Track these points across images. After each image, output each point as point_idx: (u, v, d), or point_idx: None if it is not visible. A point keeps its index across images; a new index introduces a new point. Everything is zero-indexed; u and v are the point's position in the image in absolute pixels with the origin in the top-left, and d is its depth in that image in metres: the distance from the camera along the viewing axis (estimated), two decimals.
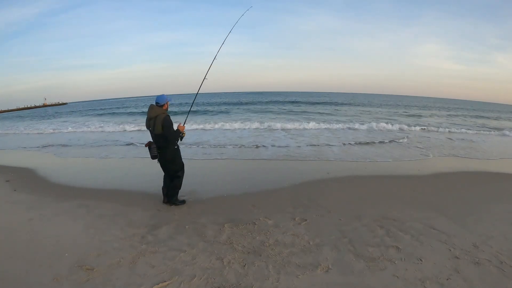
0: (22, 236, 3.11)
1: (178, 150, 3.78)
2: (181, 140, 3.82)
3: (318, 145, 8.55)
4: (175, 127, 3.68)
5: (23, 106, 68.93)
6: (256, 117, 17.53)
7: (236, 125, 13.04)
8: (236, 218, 3.47)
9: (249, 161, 6.69)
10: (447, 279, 2.29)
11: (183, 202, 3.95)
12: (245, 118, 16.49)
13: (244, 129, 12.33)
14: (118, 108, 32.62)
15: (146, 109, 4.41)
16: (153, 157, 3.65)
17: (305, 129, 12.26)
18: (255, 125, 12.99)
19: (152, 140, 3.65)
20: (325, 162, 6.45)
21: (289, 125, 12.74)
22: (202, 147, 8.28)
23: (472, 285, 2.23)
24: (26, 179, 5.41)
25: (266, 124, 13.02)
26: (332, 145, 8.47)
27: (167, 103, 3.64)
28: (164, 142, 3.59)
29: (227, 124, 13.15)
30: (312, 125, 12.90)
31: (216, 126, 12.85)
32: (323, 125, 13.00)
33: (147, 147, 3.68)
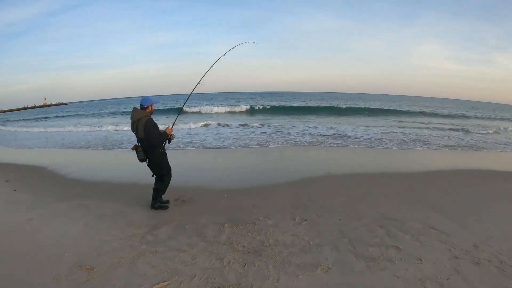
0: (22, 236, 3.11)
1: (164, 154, 3.66)
2: (169, 143, 3.75)
3: None
4: (163, 129, 3.62)
5: (23, 106, 68.97)
6: None
7: None
8: (236, 218, 3.47)
9: (249, 161, 6.70)
10: (447, 279, 2.29)
11: (167, 202, 3.87)
12: None
13: None
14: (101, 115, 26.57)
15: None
16: (140, 160, 3.54)
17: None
18: None
19: (138, 143, 3.52)
20: (325, 161, 6.45)
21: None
22: (202, 148, 8.28)
23: (472, 285, 2.23)
24: (26, 179, 5.41)
25: None
26: None
27: (151, 106, 3.52)
28: (149, 146, 3.47)
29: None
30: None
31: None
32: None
33: (134, 150, 3.53)
